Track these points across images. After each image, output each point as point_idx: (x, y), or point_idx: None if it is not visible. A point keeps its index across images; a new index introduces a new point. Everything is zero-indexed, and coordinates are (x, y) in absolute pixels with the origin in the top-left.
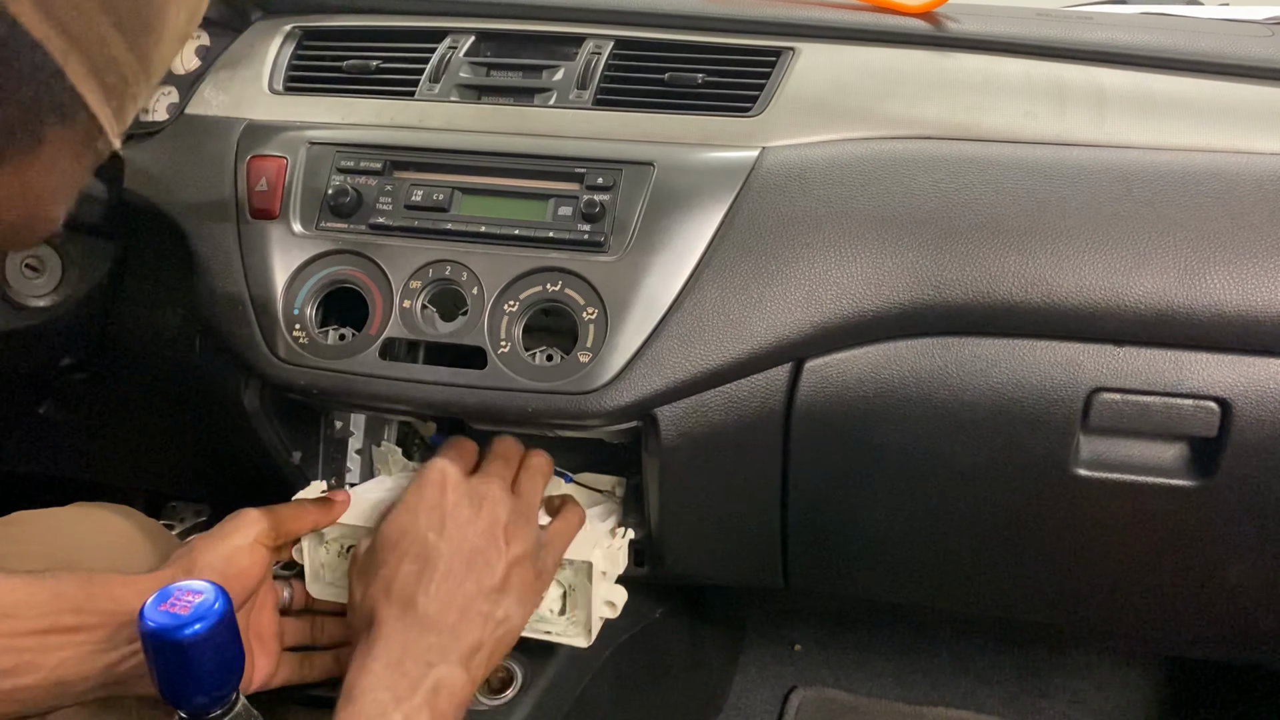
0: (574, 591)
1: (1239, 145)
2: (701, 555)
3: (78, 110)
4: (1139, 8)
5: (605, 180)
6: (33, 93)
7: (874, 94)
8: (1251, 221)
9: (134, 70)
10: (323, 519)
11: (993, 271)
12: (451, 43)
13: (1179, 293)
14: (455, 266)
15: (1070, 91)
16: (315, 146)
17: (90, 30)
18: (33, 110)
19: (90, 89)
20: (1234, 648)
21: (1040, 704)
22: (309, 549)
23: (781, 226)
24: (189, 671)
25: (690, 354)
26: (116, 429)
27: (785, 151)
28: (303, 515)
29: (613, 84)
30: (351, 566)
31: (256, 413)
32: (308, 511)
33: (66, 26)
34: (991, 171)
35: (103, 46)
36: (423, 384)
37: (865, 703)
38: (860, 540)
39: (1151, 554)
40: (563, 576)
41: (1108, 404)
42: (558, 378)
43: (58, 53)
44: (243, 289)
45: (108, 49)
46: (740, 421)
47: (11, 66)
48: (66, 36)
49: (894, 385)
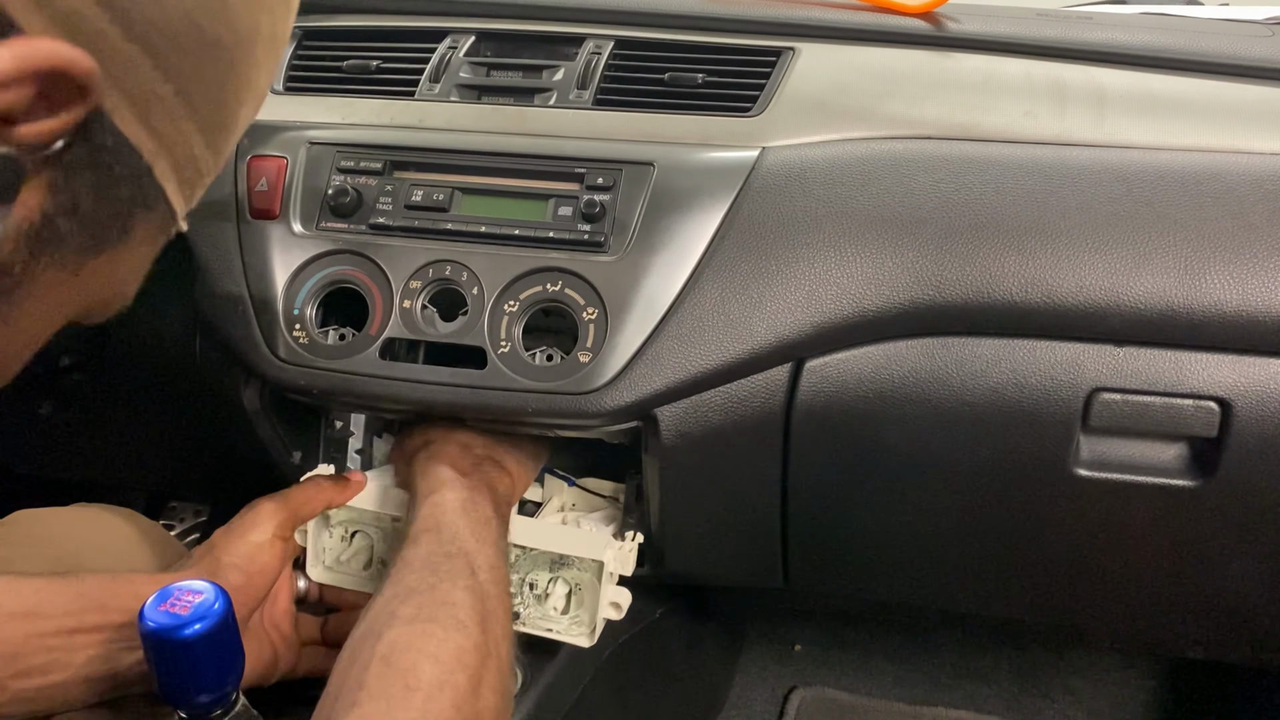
0: (580, 591)
1: (1239, 145)
2: (701, 555)
3: (159, 203)
4: (1139, 8)
5: (605, 180)
6: (129, 192)
7: (874, 94)
8: (1251, 221)
9: (209, 165)
10: (338, 497)
11: (993, 271)
12: (451, 43)
13: (1179, 293)
14: (455, 266)
15: (1070, 91)
16: (315, 146)
17: (178, 134)
18: (128, 206)
19: (171, 183)
20: (1234, 648)
21: (1040, 704)
22: (313, 533)
23: (782, 226)
24: (189, 671)
25: (690, 354)
26: (116, 429)
27: (785, 151)
28: (317, 496)
29: (613, 84)
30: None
31: (256, 413)
32: (322, 491)
33: (158, 131)
34: (991, 171)
35: (186, 147)
36: (423, 384)
37: (865, 703)
38: (860, 540)
39: (1151, 554)
40: (570, 575)
41: (1108, 404)
42: (558, 378)
43: (148, 154)
44: (243, 289)
45: (190, 149)
46: (740, 421)
47: (114, 171)
48: (157, 140)
49: (894, 385)
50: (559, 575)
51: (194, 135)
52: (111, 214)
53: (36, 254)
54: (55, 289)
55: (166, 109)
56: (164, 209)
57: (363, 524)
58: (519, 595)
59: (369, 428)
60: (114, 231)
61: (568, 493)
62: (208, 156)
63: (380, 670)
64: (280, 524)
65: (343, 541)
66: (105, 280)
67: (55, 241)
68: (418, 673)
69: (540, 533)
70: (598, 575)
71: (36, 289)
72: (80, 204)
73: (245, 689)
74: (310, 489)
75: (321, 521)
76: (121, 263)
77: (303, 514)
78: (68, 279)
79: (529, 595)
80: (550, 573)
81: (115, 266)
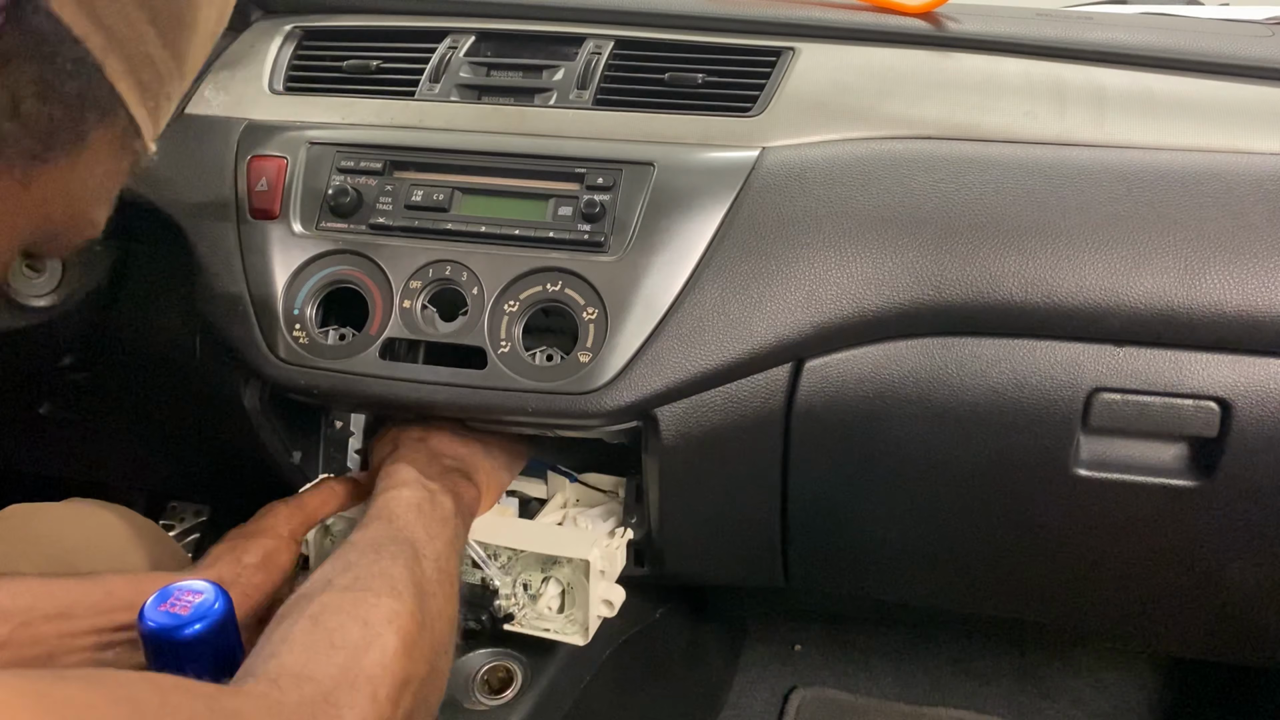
0: (572, 590)
1: (1239, 145)
2: (701, 555)
3: (116, 109)
4: (1139, 8)
5: (605, 180)
6: (76, 90)
7: (874, 94)
8: (1251, 221)
9: (169, 68)
10: (350, 501)
11: (993, 271)
12: (451, 43)
13: (1179, 293)
14: (455, 266)
15: (1070, 91)
16: (315, 146)
17: (128, 27)
18: (76, 108)
19: (128, 87)
20: (1234, 648)
21: (1040, 704)
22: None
23: (781, 226)
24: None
25: (690, 354)
26: (116, 429)
27: (785, 151)
28: (331, 499)
29: (613, 84)
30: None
31: (256, 413)
32: (335, 494)
33: (104, 22)
34: (991, 171)
35: (140, 43)
36: (423, 384)
37: (865, 703)
38: (860, 540)
39: (1151, 554)
40: (561, 574)
41: (1108, 404)
42: (558, 378)
43: (97, 50)
44: (243, 289)
45: (144, 46)
46: (740, 421)
47: (55, 63)
48: (105, 32)
49: (894, 385)
50: (551, 575)
51: (145, 28)
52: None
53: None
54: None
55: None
56: (124, 118)
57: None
58: (514, 596)
59: (369, 428)
60: (65, 136)
61: (569, 488)
62: (166, 58)
63: (306, 627)
64: (295, 526)
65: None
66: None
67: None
68: (344, 632)
69: (527, 534)
70: (586, 574)
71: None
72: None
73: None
74: (324, 492)
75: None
76: (78, 177)
77: (317, 516)
78: (17, 190)
79: (523, 596)
80: (542, 573)
81: (71, 181)
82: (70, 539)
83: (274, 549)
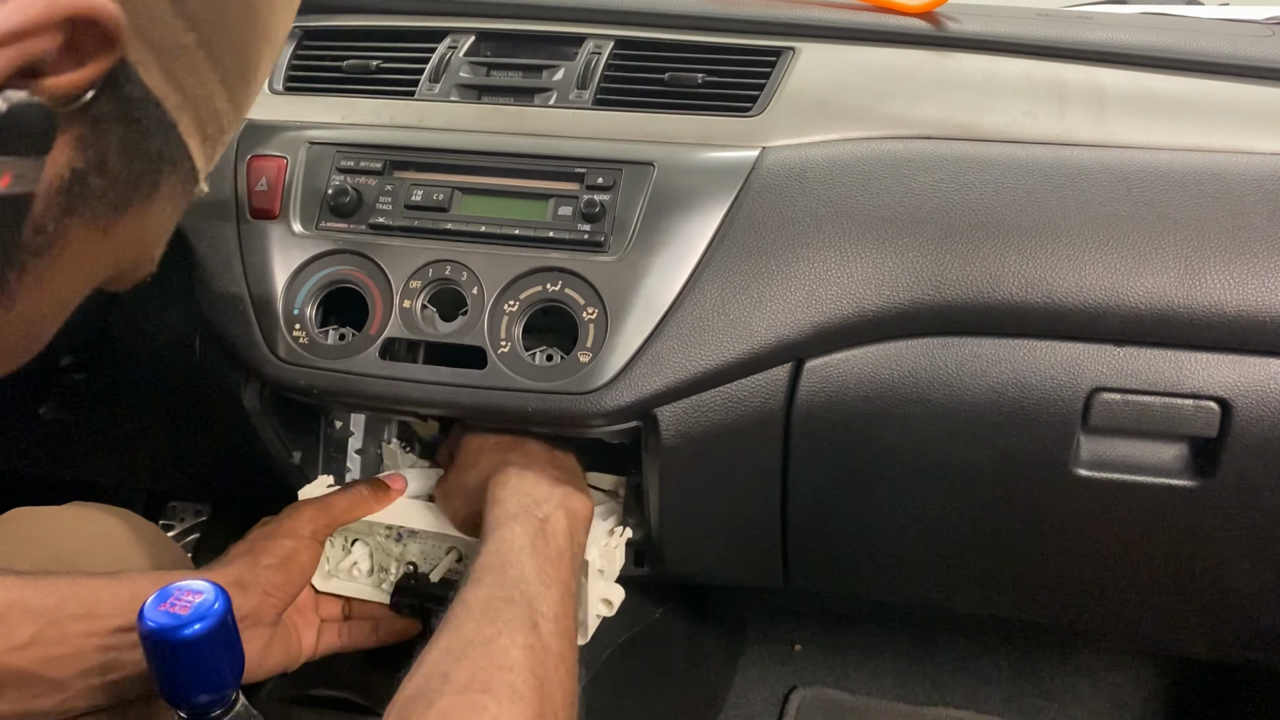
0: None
1: (1239, 145)
2: (701, 555)
3: (183, 159)
4: (1139, 8)
5: (605, 180)
6: (156, 147)
7: (874, 94)
8: (1251, 221)
9: (230, 119)
10: (377, 505)
11: (993, 271)
12: (451, 43)
13: (1179, 293)
14: (455, 266)
15: (1070, 91)
16: (315, 146)
17: (201, 87)
18: (155, 162)
19: (195, 140)
20: (1234, 648)
21: (1040, 704)
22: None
23: (781, 226)
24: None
25: (690, 354)
26: (116, 429)
27: (785, 151)
28: (360, 504)
29: (613, 84)
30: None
31: (256, 413)
32: (364, 499)
33: (182, 84)
34: (991, 171)
35: (209, 101)
36: (423, 384)
37: (865, 703)
38: (860, 540)
39: (1151, 554)
40: None
41: (1108, 404)
42: (558, 378)
43: (173, 109)
44: (243, 289)
45: (213, 102)
46: (740, 421)
47: (140, 124)
48: (181, 93)
49: (894, 385)
50: None
51: (216, 87)
52: (140, 170)
53: (68, 211)
54: (86, 248)
55: (190, 60)
56: (188, 166)
57: (359, 534)
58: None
59: (369, 428)
60: (143, 189)
61: None
62: (229, 111)
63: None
64: (318, 528)
65: (343, 550)
66: (133, 241)
67: (86, 199)
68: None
69: None
70: (585, 573)
71: (68, 248)
72: (109, 160)
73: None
74: (353, 496)
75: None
76: (149, 222)
77: (342, 520)
78: (98, 238)
79: None
80: None
81: (143, 226)
82: (73, 542)
83: (293, 549)
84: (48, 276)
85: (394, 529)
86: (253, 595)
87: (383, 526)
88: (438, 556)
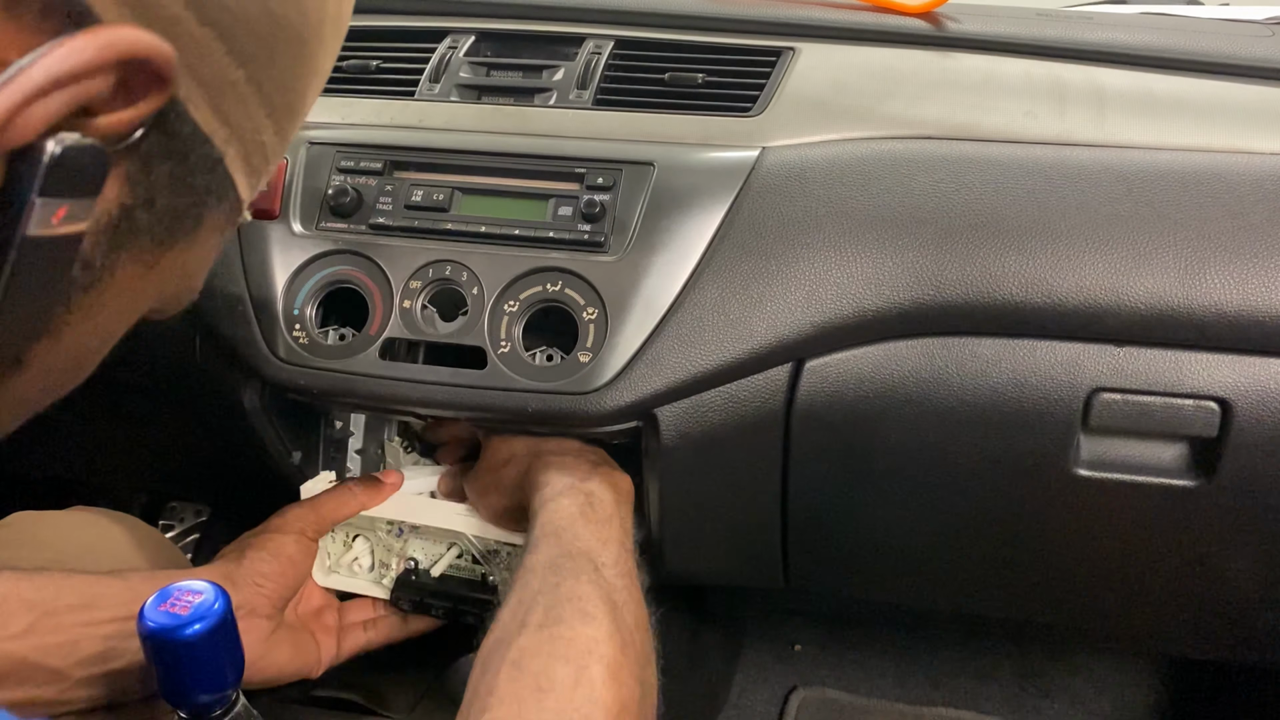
0: None
1: (1239, 145)
2: (701, 555)
3: (229, 191)
4: (1139, 8)
5: (605, 180)
6: (203, 182)
7: (874, 94)
8: (1251, 221)
9: (275, 151)
10: (370, 501)
11: (993, 271)
12: (451, 43)
13: (1179, 293)
14: (455, 266)
15: (1070, 91)
16: (315, 146)
17: (249, 121)
18: (201, 196)
19: (241, 172)
20: (1234, 648)
21: (1040, 704)
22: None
23: (781, 226)
24: (189, 671)
25: (690, 354)
26: (116, 429)
27: (785, 151)
28: (350, 502)
29: (613, 84)
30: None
31: (256, 413)
32: (355, 496)
33: (230, 120)
34: (991, 171)
35: (256, 135)
36: (423, 384)
37: (865, 703)
38: (860, 540)
39: (1151, 554)
40: None
41: (1108, 404)
42: (558, 378)
43: (220, 143)
44: (243, 289)
45: (259, 135)
46: (740, 421)
47: (188, 161)
48: (229, 128)
49: (894, 385)
50: None
51: (264, 122)
52: (187, 205)
53: (116, 247)
54: (132, 282)
55: (239, 96)
56: (233, 198)
57: (360, 528)
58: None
59: (369, 427)
60: (189, 222)
61: None
62: (275, 143)
63: (511, 674)
64: (306, 525)
65: (344, 546)
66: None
67: (134, 234)
68: (549, 674)
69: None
70: None
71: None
72: (157, 196)
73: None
74: (342, 494)
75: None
76: (194, 254)
77: (332, 519)
78: (144, 272)
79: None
80: None
81: (188, 258)
82: (74, 546)
83: (281, 542)
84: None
85: (395, 524)
86: (242, 588)
87: (384, 522)
88: (438, 552)
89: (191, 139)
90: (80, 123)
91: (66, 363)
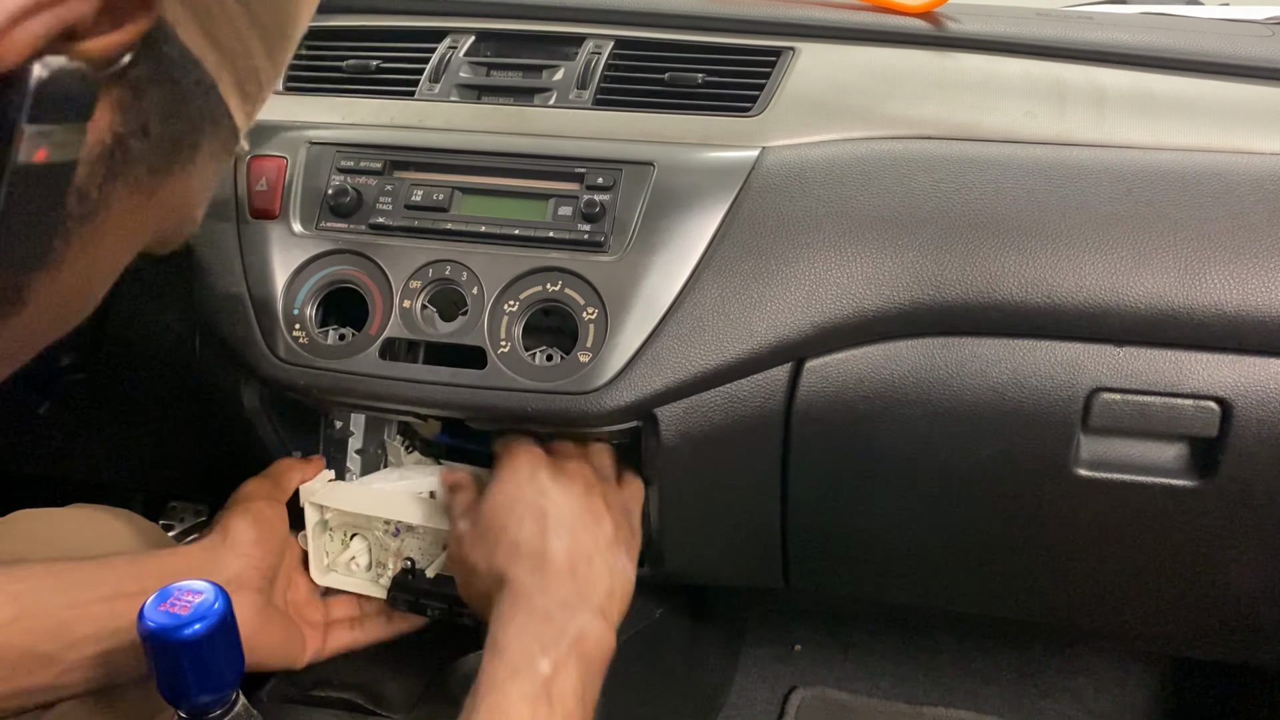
0: None
1: (1239, 145)
2: (701, 555)
3: (223, 118)
4: (1139, 8)
5: (605, 180)
6: (197, 108)
7: (874, 94)
8: (1251, 221)
9: (268, 76)
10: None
11: (993, 271)
12: (451, 43)
13: (1179, 293)
14: (455, 266)
15: (1070, 91)
16: (315, 146)
17: (239, 44)
18: (196, 123)
19: (235, 99)
20: (1234, 648)
21: (1040, 704)
22: (313, 537)
23: (781, 226)
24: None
25: (690, 354)
26: (116, 429)
27: (785, 151)
28: (291, 469)
29: (613, 84)
30: (456, 549)
31: (256, 412)
32: (294, 466)
33: (220, 42)
34: (991, 171)
35: (248, 59)
36: (423, 384)
37: (865, 703)
38: (860, 540)
39: (1152, 554)
40: None
41: (1108, 404)
42: (558, 378)
43: (212, 68)
44: (243, 289)
45: (252, 60)
46: (740, 421)
47: (181, 86)
48: (219, 51)
49: (894, 385)
50: None
51: (255, 44)
52: (181, 132)
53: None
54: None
55: (228, 17)
56: (228, 125)
57: (358, 527)
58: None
59: (369, 427)
60: (184, 150)
61: None
62: (267, 67)
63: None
64: (268, 489)
65: (342, 545)
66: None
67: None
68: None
69: None
70: None
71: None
72: (150, 123)
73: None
74: (283, 463)
75: (319, 527)
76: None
77: (284, 484)
78: (142, 202)
79: None
80: None
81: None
82: (75, 543)
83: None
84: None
85: (392, 524)
86: (230, 561)
87: (381, 521)
88: (435, 553)
89: (181, 63)
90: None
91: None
